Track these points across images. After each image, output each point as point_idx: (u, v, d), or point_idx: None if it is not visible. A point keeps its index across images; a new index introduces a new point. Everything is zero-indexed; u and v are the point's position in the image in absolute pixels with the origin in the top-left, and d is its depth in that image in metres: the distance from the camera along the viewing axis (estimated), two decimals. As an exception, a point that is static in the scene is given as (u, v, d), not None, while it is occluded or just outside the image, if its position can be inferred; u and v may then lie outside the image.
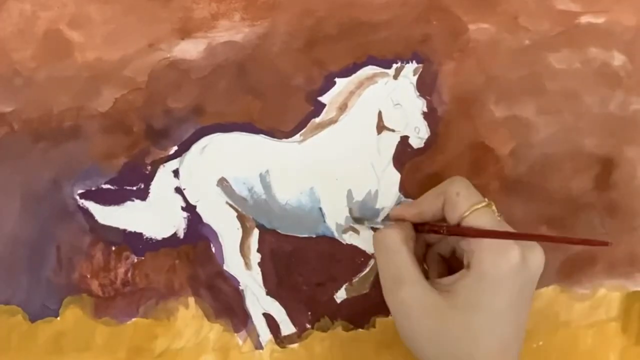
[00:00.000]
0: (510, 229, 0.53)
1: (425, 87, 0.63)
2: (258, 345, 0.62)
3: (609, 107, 0.64)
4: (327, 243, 0.62)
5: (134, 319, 0.62)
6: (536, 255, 0.52)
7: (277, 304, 0.62)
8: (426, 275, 0.55)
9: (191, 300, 0.62)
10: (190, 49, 0.63)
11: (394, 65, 0.63)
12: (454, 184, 0.55)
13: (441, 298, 0.52)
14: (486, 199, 0.54)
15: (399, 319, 0.53)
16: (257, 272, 0.62)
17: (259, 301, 0.62)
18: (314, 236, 0.62)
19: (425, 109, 0.63)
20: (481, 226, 0.52)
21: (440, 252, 0.60)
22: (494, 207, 0.54)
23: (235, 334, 0.62)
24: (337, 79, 0.63)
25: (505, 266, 0.51)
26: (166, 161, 0.62)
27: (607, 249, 0.63)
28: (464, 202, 0.54)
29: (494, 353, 0.51)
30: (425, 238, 0.60)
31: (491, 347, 0.51)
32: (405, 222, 0.57)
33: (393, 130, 0.63)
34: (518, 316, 0.53)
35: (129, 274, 0.62)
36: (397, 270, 0.54)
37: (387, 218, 0.61)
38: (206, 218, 0.62)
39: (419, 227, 0.57)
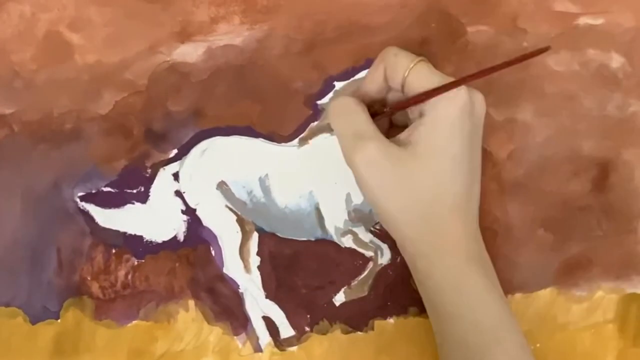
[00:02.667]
0: (450, 79, 0.53)
1: (424, 89, 0.63)
2: (257, 348, 0.62)
3: (607, 109, 0.64)
4: (326, 246, 0.62)
5: (134, 322, 0.62)
6: (479, 98, 0.54)
7: (276, 307, 0.62)
8: None
9: (191, 303, 0.62)
10: (190, 53, 0.63)
11: (393, 68, 0.63)
12: (389, 50, 0.56)
13: (403, 149, 0.52)
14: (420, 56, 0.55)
15: (365, 177, 0.53)
16: (256, 275, 0.62)
17: (259, 304, 0.62)
18: (313, 239, 0.62)
19: (424, 112, 0.63)
20: (425, 79, 0.53)
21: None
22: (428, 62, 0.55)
23: (235, 337, 0.62)
24: (336, 83, 0.63)
25: (456, 108, 0.52)
26: (166, 164, 0.62)
27: (604, 251, 0.63)
28: (404, 60, 0.54)
29: (460, 195, 0.53)
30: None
31: (456, 191, 0.53)
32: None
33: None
34: (473, 161, 0.54)
35: (129, 277, 0.62)
36: (358, 128, 0.53)
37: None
38: (206, 221, 0.62)
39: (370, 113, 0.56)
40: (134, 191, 0.62)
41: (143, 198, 0.62)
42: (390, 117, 0.59)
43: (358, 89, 0.58)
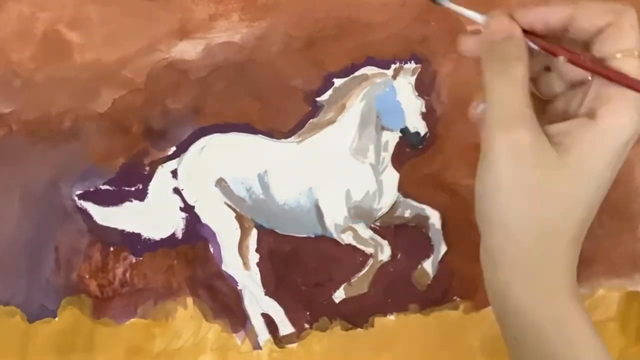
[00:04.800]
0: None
1: (423, 87, 0.63)
2: (256, 346, 0.62)
3: (607, 108, 0.64)
4: (326, 243, 0.62)
5: (132, 320, 0.62)
6: None
7: (275, 304, 0.62)
8: None
9: (189, 300, 0.62)
10: (188, 50, 0.63)
11: (393, 66, 0.63)
12: (630, 13, 0.41)
13: (553, 151, 0.41)
14: None
15: (498, 165, 0.42)
16: (255, 272, 0.62)
17: (258, 301, 0.62)
18: (313, 236, 0.62)
19: (423, 109, 0.63)
20: (632, 74, 0.40)
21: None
22: None
23: (234, 334, 0.62)
24: (335, 80, 0.63)
25: (634, 129, 0.40)
26: (165, 162, 0.62)
27: (605, 249, 0.63)
28: (631, 39, 0.41)
29: (585, 224, 0.43)
30: None
31: (585, 218, 0.43)
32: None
33: (392, 131, 0.63)
34: (606, 192, 0.43)
35: (127, 275, 0.62)
36: (518, 102, 0.42)
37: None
38: (205, 218, 0.62)
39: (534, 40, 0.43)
40: (133, 189, 0.62)
41: (141, 196, 0.62)
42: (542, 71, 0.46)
43: (563, 11, 0.42)
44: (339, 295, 0.62)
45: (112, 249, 0.62)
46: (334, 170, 0.62)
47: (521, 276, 0.43)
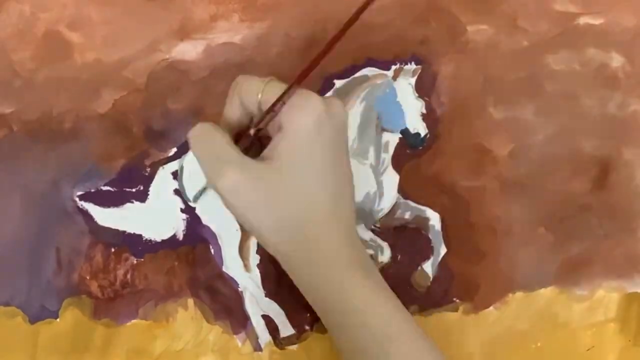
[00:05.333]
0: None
1: (424, 88, 0.63)
2: (257, 347, 0.62)
3: (607, 109, 0.64)
4: (326, 244, 0.62)
5: (133, 321, 0.62)
6: (336, 104, 0.53)
7: (276, 305, 0.62)
8: None
9: (190, 301, 0.62)
10: (189, 50, 0.63)
11: (393, 67, 0.63)
12: (239, 78, 0.55)
13: (264, 166, 0.51)
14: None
15: (230, 202, 0.52)
16: (256, 273, 0.62)
17: (258, 303, 0.62)
18: (313, 237, 0.62)
19: (424, 110, 0.63)
20: (277, 93, 0.52)
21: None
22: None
23: (235, 336, 0.62)
24: (336, 81, 0.63)
25: (311, 116, 0.51)
26: (165, 163, 0.62)
27: (605, 250, 0.63)
28: (255, 83, 0.53)
29: (329, 203, 0.53)
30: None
31: (325, 199, 0.52)
32: None
33: (392, 132, 0.63)
34: (339, 167, 0.54)
35: (129, 276, 0.62)
36: (218, 152, 0.52)
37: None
38: (205, 220, 0.62)
39: (238, 142, 0.54)
40: (133, 190, 0.62)
41: (142, 197, 0.62)
42: (258, 140, 0.56)
43: (222, 122, 0.56)
44: (339, 296, 0.62)
45: (113, 250, 0.62)
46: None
47: (301, 264, 0.54)
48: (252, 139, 0.54)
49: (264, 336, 0.62)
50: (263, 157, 0.53)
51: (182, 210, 0.62)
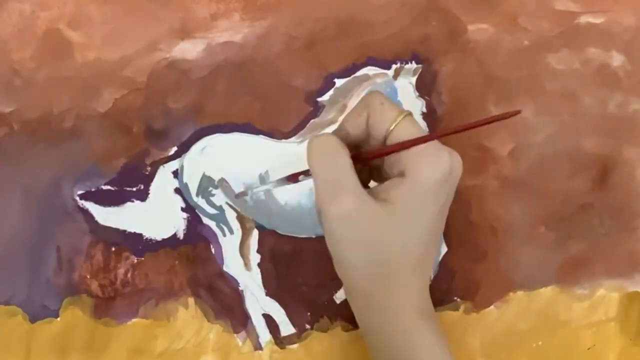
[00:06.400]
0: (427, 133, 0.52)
1: (424, 87, 0.63)
2: (258, 346, 0.62)
3: (608, 108, 0.64)
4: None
5: (133, 320, 0.62)
6: (458, 160, 0.52)
7: (276, 304, 0.62)
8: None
9: (191, 300, 0.62)
10: (189, 49, 0.63)
11: (394, 66, 0.63)
12: (375, 97, 0.53)
13: (378, 206, 0.50)
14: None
15: (334, 230, 0.51)
16: (256, 272, 0.62)
17: (259, 302, 0.62)
18: (314, 236, 0.62)
19: (424, 110, 0.63)
20: (410, 135, 0.51)
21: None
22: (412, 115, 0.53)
23: (235, 335, 0.62)
24: (336, 80, 0.63)
25: (439, 172, 0.50)
26: (166, 162, 0.62)
27: (605, 249, 0.63)
28: (391, 112, 0.52)
29: (424, 254, 0.53)
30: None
31: (422, 250, 0.52)
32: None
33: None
34: (442, 221, 0.54)
35: (129, 275, 0.62)
36: (339, 176, 0.51)
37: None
38: (206, 219, 0.62)
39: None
40: (134, 189, 0.62)
41: (143, 196, 0.62)
42: (368, 163, 0.56)
43: (339, 130, 0.54)
44: (340, 296, 0.62)
45: (113, 249, 0.62)
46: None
47: (372, 306, 0.53)
48: (363, 163, 0.54)
49: (265, 335, 0.62)
50: (377, 193, 0.52)
51: (183, 210, 0.62)
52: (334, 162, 0.51)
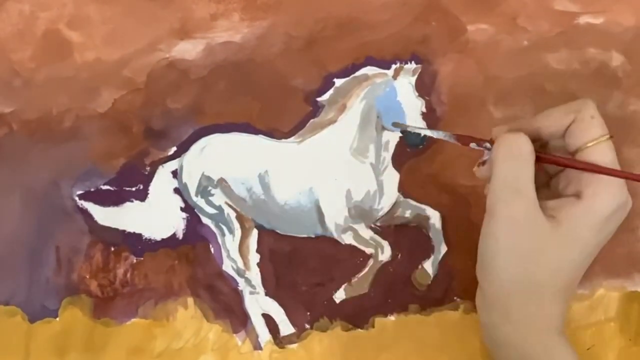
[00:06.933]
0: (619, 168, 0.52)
1: (424, 87, 0.63)
2: (257, 346, 0.62)
3: (607, 108, 0.64)
4: (326, 243, 0.62)
5: (133, 320, 0.62)
6: (630, 204, 0.53)
7: (276, 304, 0.62)
8: None
9: (190, 300, 0.62)
10: (189, 49, 0.63)
11: (393, 66, 0.63)
12: (589, 106, 0.52)
13: (547, 222, 0.51)
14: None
15: (499, 232, 0.51)
16: (256, 272, 0.62)
17: (258, 301, 0.62)
18: (313, 236, 0.62)
19: (424, 109, 0.63)
20: (604, 161, 0.51)
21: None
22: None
23: (234, 335, 0.62)
24: (336, 80, 0.63)
25: (616, 204, 0.51)
26: (165, 162, 0.62)
27: (605, 249, 0.63)
28: (597, 128, 0.52)
29: (573, 280, 0.53)
30: None
31: (573, 276, 0.53)
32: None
33: (392, 131, 0.63)
34: (598, 251, 0.53)
35: (128, 275, 0.62)
36: (520, 182, 0.51)
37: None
38: (205, 219, 0.62)
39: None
40: (133, 189, 0.62)
41: (142, 196, 0.62)
42: (542, 166, 0.56)
43: (533, 121, 0.54)
44: (339, 295, 0.62)
45: (112, 249, 0.62)
46: (334, 170, 0.62)
47: (512, 320, 0.53)
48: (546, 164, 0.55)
49: (264, 335, 0.62)
50: (547, 207, 0.52)
51: (182, 209, 0.62)
52: (519, 166, 0.51)
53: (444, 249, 0.63)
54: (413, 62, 0.63)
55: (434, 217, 0.63)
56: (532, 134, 0.53)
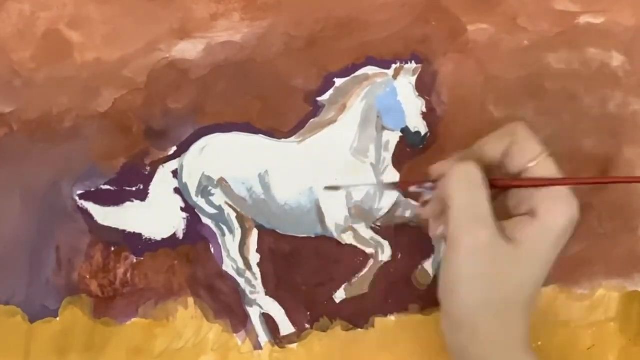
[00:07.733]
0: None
1: (424, 87, 0.63)
2: (257, 346, 0.62)
3: (607, 108, 0.64)
4: (326, 243, 0.62)
5: (133, 320, 0.62)
6: (578, 207, 0.53)
7: (276, 304, 0.62)
8: None
9: (190, 300, 0.62)
10: (189, 49, 0.63)
11: (393, 66, 0.63)
12: (521, 128, 0.54)
13: (507, 244, 0.51)
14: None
15: (462, 259, 0.51)
16: (256, 272, 0.62)
17: (258, 301, 0.62)
18: (313, 236, 0.62)
19: (424, 109, 0.63)
20: (551, 175, 0.52)
21: None
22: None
23: (235, 335, 0.62)
24: (336, 80, 0.63)
25: (567, 220, 0.52)
26: (165, 162, 0.62)
27: (605, 249, 0.63)
28: (535, 147, 0.53)
29: (535, 294, 0.54)
30: None
31: (535, 290, 0.53)
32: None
33: (392, 130, 0.63)
34: (556, 262, 0.54)
35: (129, 275, 0.62)
36: (479, 210, 0.51)
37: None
38: (205, 219, 0.62)
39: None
40: (133, 189, 0.62)
41: (142, 196, 0.62)
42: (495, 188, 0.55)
43: (474, 150, 0.55)
44: (339, 295, 0.62)
45: (113, 249, 0.62)
46: (334, 170, 0.62)
47: (481, 340, 0.52)
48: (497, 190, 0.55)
49: (264, 335, 0.62)
50: (504, 229, 0.52)
51: (182, 209, 0.62)
52: (476, 194, 0.52)
53: (444, 248, 0.63)
54: (413, 62, 0.63)
55: (434, 217, 0.63)
56: (480, 161, 0.54)
